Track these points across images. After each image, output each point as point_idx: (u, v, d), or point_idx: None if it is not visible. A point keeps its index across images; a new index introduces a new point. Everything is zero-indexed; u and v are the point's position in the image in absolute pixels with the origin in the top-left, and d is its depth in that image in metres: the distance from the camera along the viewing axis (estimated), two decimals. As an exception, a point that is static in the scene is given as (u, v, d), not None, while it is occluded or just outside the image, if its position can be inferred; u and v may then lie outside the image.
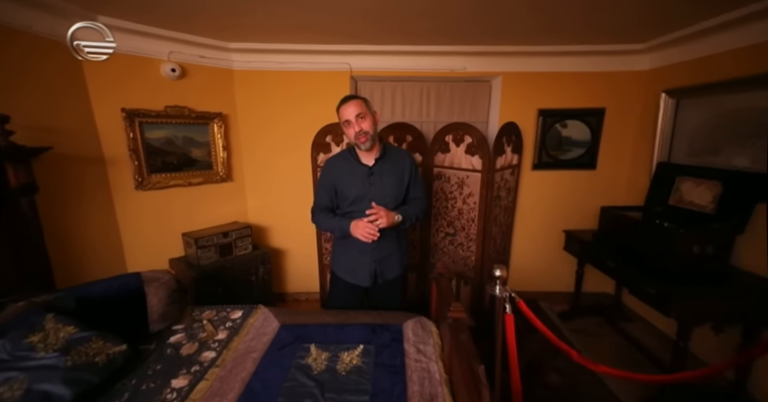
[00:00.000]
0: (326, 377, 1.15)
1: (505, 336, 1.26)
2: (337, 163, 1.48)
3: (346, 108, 1.37)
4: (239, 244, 2.19)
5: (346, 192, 1.43)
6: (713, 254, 1.60)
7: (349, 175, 1.44)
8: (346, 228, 1.36)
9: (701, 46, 1.90)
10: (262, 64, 2.36)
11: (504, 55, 2.36)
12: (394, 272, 1.52)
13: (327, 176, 1.48)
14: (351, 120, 1.36)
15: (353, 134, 1.37)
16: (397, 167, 1.47)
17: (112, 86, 1.85)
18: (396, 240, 1.50)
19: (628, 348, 2.12)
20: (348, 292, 1.55)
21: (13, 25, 1.44)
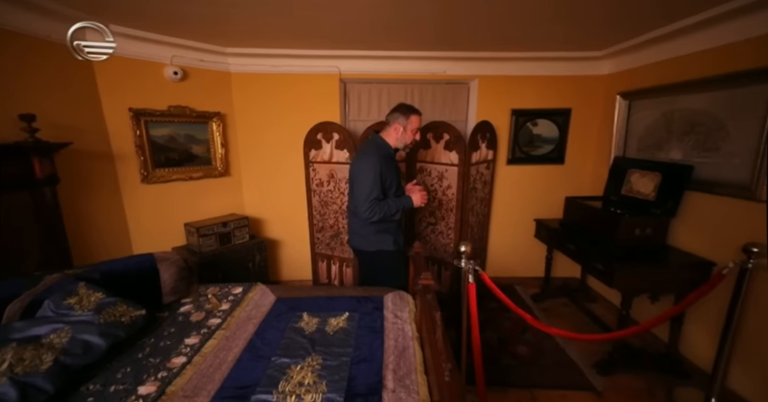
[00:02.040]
0: (317, 336, 1.36)
1: (470, 303, 1.48)
2: (387, 163, 1.68)
3: (421, 119, 1.77)
4: (237, 234, 2.38)
5: (390, 179, 1.68)
6: (652, 235, 1.86)
7: (394, 170, 1.73)
8: (409, 202, 1.71)
9: (649, 54, 2.16)
10: (256, 67, 2.55)
11: (480, 60, 2.59)
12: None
13: (379, 174, 1.62)
14: (419, 129, 1.75)
15: (412, 139, 1.74)
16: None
17: (120, 88, 2.03)
18: None
19: (590, 324, 2.36)
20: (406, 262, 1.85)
21: (36, 34, 1.62)
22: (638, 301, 1.86)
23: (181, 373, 1.11)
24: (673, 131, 1.99)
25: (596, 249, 1.92)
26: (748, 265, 1.39)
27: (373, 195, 1.59)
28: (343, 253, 2.60)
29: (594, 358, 1.94)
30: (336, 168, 2.48)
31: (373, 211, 1.59)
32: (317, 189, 2.57)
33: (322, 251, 2.68)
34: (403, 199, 1.71)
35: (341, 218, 2.55)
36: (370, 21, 1.85)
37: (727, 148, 1.66)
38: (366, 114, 2.80)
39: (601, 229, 2.00)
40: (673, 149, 1.98)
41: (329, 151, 2.48)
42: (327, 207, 2.57)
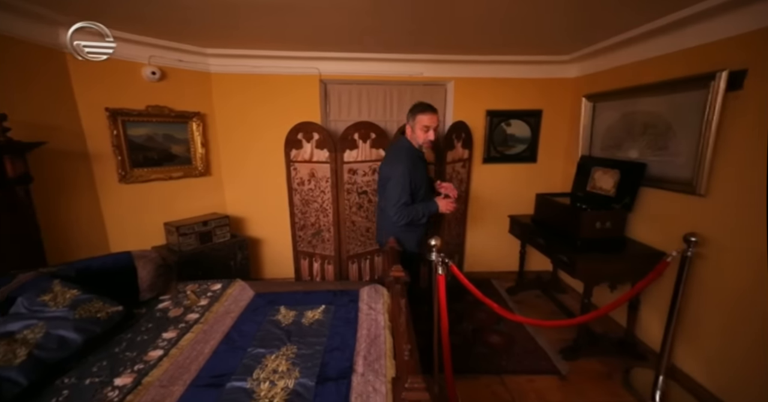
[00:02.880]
0: (293, 328, 1.41)
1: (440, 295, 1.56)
2: (414, 165, 1.72)
3: (433, 117, 1.68)
4: (218, 233, 2.40)
5: (418, 181, 1.73)
6: (611, 228, 2.00)
7: (419, 167, 1.76)
8: (435, 207, 1.74)
9: (610, 59, 2.30)
10: (237, 68, 2.58)
11: (456, 63, 2.70)
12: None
13: (409, 181, 1.68)
14: (431, 127, 1.68)
15: (425, 139, 1.70)
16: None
17: (96, 87, 2.02)
18: None
19: (559, 313, 2.50)
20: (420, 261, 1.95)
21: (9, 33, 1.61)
22: (599, 290, 1.99)
23: (158, 364, 1.15)
24: (630, 132, 2.13)
25: (562, 242, 2.05)
26: (688, 253, 1.53)
27: (402, 200, 1.67)
28: (325, 250, 2.66)
29: (561, 345, 2.07)
30: (316, 167, 2.54)
31: (401, 215, 1.69)
32: (298, 188, 2.61)
33: (304, 249, 2.73)
34: (430, 204, 1.76)
35: (322, 216, 2.60)
36: (348, 25, 1.92)
37: (674, 147, 1.81)
38: (346, 114, 2.86)
39: (566, 224, 2.13)
40: (631, 148, 2.12)
41: (309, 150, 2.53)
42: (308, 205, 2.62)
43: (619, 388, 1.77)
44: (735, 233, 1.52)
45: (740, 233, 1.50)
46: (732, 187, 1.54)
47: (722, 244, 1.57)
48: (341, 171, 2.50)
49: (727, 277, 1.56)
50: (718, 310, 1.60)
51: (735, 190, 1.53)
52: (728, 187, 1.56)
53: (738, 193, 1.51)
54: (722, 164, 1.58)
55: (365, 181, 2.61)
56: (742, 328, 1.50)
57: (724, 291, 1.57)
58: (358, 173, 2.57)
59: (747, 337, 1.48)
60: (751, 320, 1.47)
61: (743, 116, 1.49)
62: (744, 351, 1.50)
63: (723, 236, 1.57)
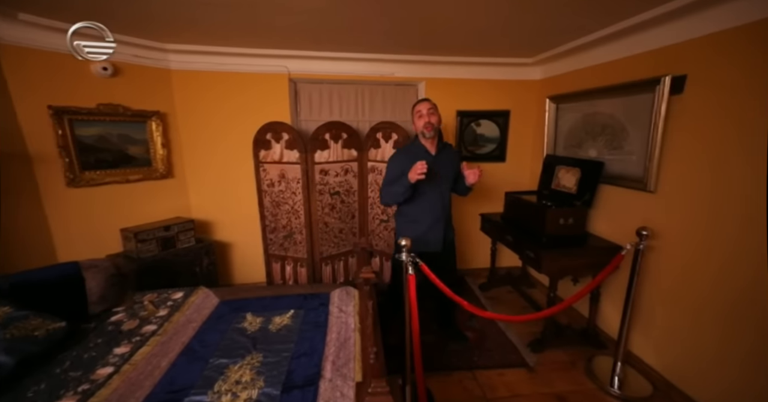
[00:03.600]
0: (259, 335, 1.37)
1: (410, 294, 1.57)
2: (407, 154, 1.81)
3: (422, 104, 1.80)
4: (182, 238, 2.28)
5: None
6: (574, 224, 2.09)
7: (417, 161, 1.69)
8: (406, 181, 1.68)
9: (570, 62, 2.41)
10: (200, 65, 2.46)
11: (427, 64, 2.72)
12: (451, 234, 1.99)
13: (397, 164, 1.78)
14: (423, 111, 1.76)
15: (422, 124, 1.76)
16: (451, 158, 1.91)
17: (36, 83, 1.85)
18: (449, 213, 1.96)
19: (528, 308, 2.59)
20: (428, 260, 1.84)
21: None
22: (564, 284, 2.09)
23: (107, 383, 1.07)
24: (590, 132, 2.24)
25: (529, 239, 2.12)
26: (640, 246, 1.63)
27: (385, 183, 1.84)
28: (297, 253, 2.60)
29: (530, 338, 2.14)
30: (287, 168, 2.47)
31: (382, 195, 1.86)
32: (268, 189, 2.54)
33: (276, 252, 2.65)
34: (403, 179, 1.72)
35: (293, 218, 2.54)
36: (316, 23, 1.87)
37: (628, 146, 1.92)
38: (317, 114, 2.81)
39: (533, 221, 2.20)
40: (591, 148, 2.23)
41: (279, 151, 2.46)
42: (279, 207, 2.55)
43: (582, 376, 1.85)
44: (680, 226, 1.64)
45: (684, 226, 1.62)
46: (676, 183, 1.66)
47: (670, 237, 1.69)
48: (312, 172, 2.45)
49: (672, 267, 1.68)
50: (664, 298, 1.72)
51: (679, 187, 1.64)
52: (673, 184, 1.67)
53: (681, 189, 1.63)
54: (668, 163, 1.69)
55: (337, 181, 2.57)
56: (682, 313, 1.62)
57: (669, 279, 1.69)
58: (330, 174, 2.53)
59: (687, 320, 1.60)
60: (689, 306, 1.59)
61: (684, 119, 1.60)
62: (685, 333, 1.62)
63: (670, 229, 1.68)
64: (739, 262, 1.40)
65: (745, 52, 1.36)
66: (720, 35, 1.44)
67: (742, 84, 1.37)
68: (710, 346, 1.52)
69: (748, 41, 1.35)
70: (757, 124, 1.33)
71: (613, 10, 1.67)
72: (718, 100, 1.46)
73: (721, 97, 1.45)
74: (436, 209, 1.85)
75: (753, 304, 1.36)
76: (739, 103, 1.39)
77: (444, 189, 1.87)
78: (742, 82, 1.38)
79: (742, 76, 1.37)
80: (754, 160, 1.34)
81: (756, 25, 1.32)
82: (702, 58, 1.51)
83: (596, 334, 2.10)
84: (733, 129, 1.41)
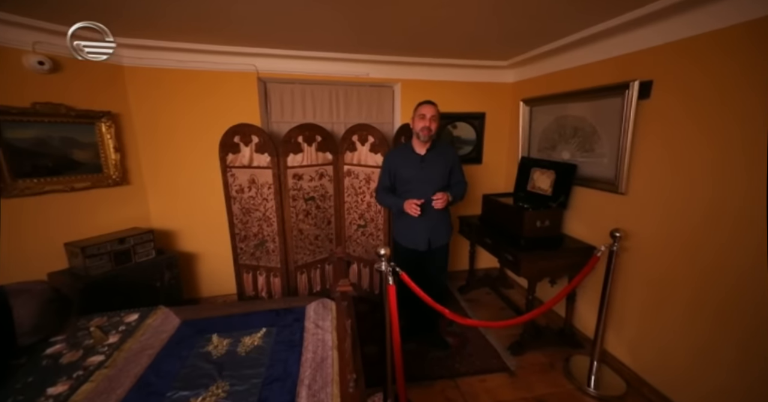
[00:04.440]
0: (225, 359, 1.24)
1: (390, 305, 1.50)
2: (397, 153, 1.96)
3: (427, 107, 1.83)
4: (139, 251, 2.08)
5: (404, 175, 1.89)
6: (550, 226, 2.12)
7: (406, 162, 1.89)
8: (400, 204, 1.82)
9: (542, 66, 2.45)
10: (158, 62, 2.26)
11: (402, 65, 2.67)
12: (442, 240, 1.96)
13: (389, 163, 1.95)
14: (427, 116, 1.80)
15: (420, 127, 1.81)
16: (442, 157, 1.92)
17: (-45, 79, 1.60)
18: (443, 216, 1.94)
19: (507, 309, 2.61)
20: (408, 256, 1.95)
21: None
22: (541, 285, 2.11)
23: (39, 432, 0.91)
24: (562, 134, 2.29)
25: (507, 241, 2.12)
26: (613, 247, 1.66)
27: (380, 181, 2.00)
28: (270, 262, 2.46)
29: (509, 340, 2.15)
30: (257, 173, 2.33)
31: (376, 193, 2.01)
32: (237, 196, 2.38)
33: (247, 262, 2.49)
34: (398, 200, 1.85)
35: (265, 226, 2.40)
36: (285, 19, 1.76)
37: (599, 149, 1.96)
38: (290, 115, 2.68)
39: (511, 223, 2.21)
40: (564, 150, 2.28)
41: (248, 155, 2.31)
42: (249, 214, 2.40)
43: (561, 377, 1.87)
44: (650, 228, 1.69)
45: (654, 228, 1.67)
46: (645, 186, 1.71)
47: (641, 238, 1.74)
48: (285, 176, 2.33)
49: (643, 267, 1.73)
50: (637, 297, 1.77)
51: (648, 190, 1.70)
52: (643, 186, 1.72)
53: (651, 192, 1.68)
54: (638, 166, 1.74)
55: (312, 186, 2.46)
56: (654, 312, 1.67)
57: (641, 279, 1.74)
58: (303, 178, 2.41)
59: (659, 319, 1.65)
60: (660, 305, 1.64)
61: (652, 123, 1.65)
62: (656, 332, 1.67)
63: (641, 230, 1.73)
64: (705, 263, 1.46)
65: (708, 59, 1.42)
66: (684, 42, 1.49)
67: (706, 90, 1.43)
68: (681, 344, 1.57)
69: (711, 48, 1.40)
70: (719, 129, 1.38)
71: (585, 16, 1.69)
72: (682, 105, 1.51)
73: (685, 103, 1.50)
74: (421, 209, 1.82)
75: (720, 302, 1.42)
76: (703, 108, 1.44)
77: (429, 188, 1.85)
78: (705, 88, 1.43)
79: (706, 82, 1.43)
80: (716, 165, 1.40)
81: (718, 33, 1.37)
82: (667, 64, 1.56)
83: (573, 333, 2.14)
84: (696, 134, 1.47)
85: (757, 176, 1.26)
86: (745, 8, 1.27)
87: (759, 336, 1.27)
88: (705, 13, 1.39)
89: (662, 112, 1.60)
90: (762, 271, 1.24)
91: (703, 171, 1.44)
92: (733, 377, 1.36)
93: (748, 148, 1.29)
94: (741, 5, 1.28)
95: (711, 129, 1.41)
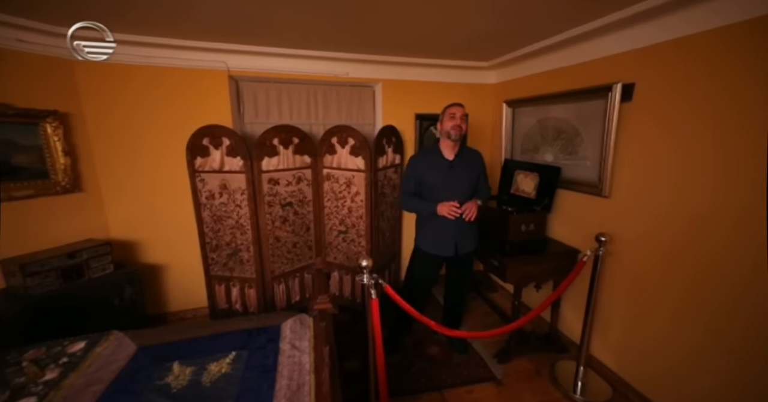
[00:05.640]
0: (187, 392, 1.10)
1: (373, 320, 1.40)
2: (423, 158, 1.87)
3: (457, 108, 1.78)
4: (94, 265, 1.87)
5: (430, 180, 1.79)
6: (535, 230, 2.09)
7: (433, 166, 1.80)
8: (433, 208, 1.70)
9: (524, 68, 2.43)
10: (116, 57, 2.01)
11: (383, 64, 2.57)
12: (469, 247, 1.88)
13: (414, 167, 1.85)
14: (457, 115, 1.75)
15: (452, 125, 1.74)
16: (470, 163, 1.86)
17: None
18: (472, 222, 1.82)
19: (492, 314, 2.57)
20: (430, 263, 1.92)
21: None
22: (527, 289, 2.07)
23: None
24: (545, 136, 2.27)
25: (492, 246, 2.07)
26: (599, 252, 1.64)
27: (403, 186, 1.88)
28: (244, 272, 2.30)
29: (495, 347, 2.10)
30: (229, 178, 2.16)
31: (401, 200, 1.88)
32: (207, 202, 2.20)
33: (219, 273, 2.32)
34: (430, 203, 1.74)
35: (239, 234, 2.24)
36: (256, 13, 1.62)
37: (582, 152, 1.95)
38: (265, 116, 2.52)
39: (495, 227, 2.17)
40: (547, 152, 2.26)
41: (219, 158, 2.14)
42: (221, 222, 2.23)
43: (547, 384, 1.84)
44: (633, 232, 1.68)
45: (637, 232, 1.66)
46: (629, 189, 1.70)
47: (625, 242, 1.73)
48: (259, 181, 2.18)
49: (628, 271, 1.72)
50: (622, 301, 1.76)
51: (631, 192, 1.69)
52: (626, 189, 1.71)
53: (634, 194, 1.67)
54: (621, 169, 1.73)
55: (289, 191, 2.32)
56: (640, 316, 1.67)
57: (627, 284, 1.73)
58: (280, 183, 2.27)
59: (645, 323, 1.65)
60: (645, 309, 1.63)
61: (634, 126, 1.64)
62: (642, 336, 1.66)
63: (625, 234, 1.72)
64: (688, 266, 1.45)
65: (686, 63, 1.41)
66: (664, 45, 1.48)
67: (686, 93, 1.42)
68: (667, 348, 1.56)
69: (687, 52, 1.40)
70: (700, 131, 1.38)
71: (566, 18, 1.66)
72: (664, 108, 1.51)
73: (667, 105, 1.50)
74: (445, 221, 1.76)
75: (708, 307, 1.41)
76: (684, 111, 1.43)
77: (457, 196, 1.76)
78: (685, 91, 1.42)
79: (686, 86, 1.42)
80: (699, 168, 1.39)
81: (695, 37, 1.37)
82: (649, 67, 1.55)
83: (558, 337, 2.12)
84: (679, 136, 1.46)
85: (741, 179, 1.26)
86: (724, 13, 1.27)
87: (749, 341, 1.27)
88: (682, 17, 1.39)
89: (645, 114, 1.59)
90: (753, 275, 1.24)
91: (686, 174, 1.44)
92: (721, 383, 1.35)
93: (731, 150, 1.28)
94: (718, 10, 1.28)
95: (692, 132, 1.40)
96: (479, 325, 2.45)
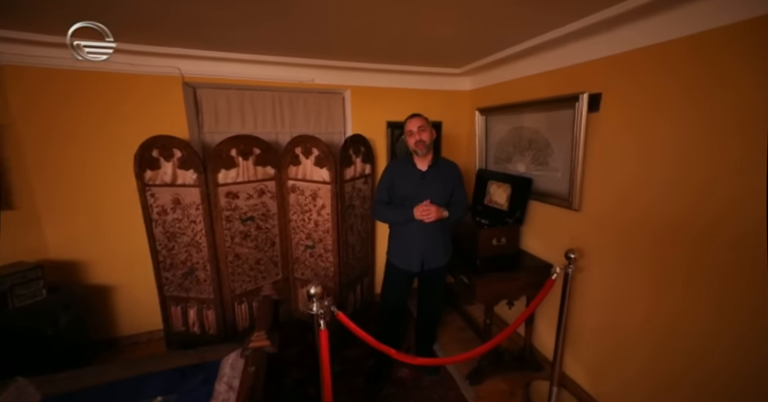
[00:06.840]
0: (93, 453, 0.94)
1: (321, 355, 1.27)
2: (397, 166, 1.81)
3: (411, 121, 1.72)
4: (21, 292, 1.68)
5: (402, 190, 1.74)
6: (507, 244, 2.00)
7: (406, 177, 1.75)
8: (409, 214, 1.65)
9: (495, 75, 2.37)
10: (53, 61, 1.87)
11: (351, 70, 2.46)
12: (438, 262, 1.80)
13: (387, 177, 1.80)
14: (414, 130, 1.68)
15: (413, 142, 1.69)
16: (444, 175, 1.78)
17: None
18: (441, 236, 1.77)
19: (466, 329, 2.47)
20: (401, 277, 1.84)
21: None
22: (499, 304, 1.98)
23: None
24: (518, 146, 2.19)
25: (463, 262, 1.97)
26: (568, 270, 1.55)
27: (377, 195, 1.82)
28: (201, 293, 2.13)
29: (468, 367, 1.99)
30: (182, 192, 2.01)
31: (374, 210, 1.81)
32: (159, 218, 2.04)
33: (174, 293, 2.15)
34: (405, 210, 1.69)
35: (194, 252, 2.08)
36: (204, 14, 1.49)
37: (553, 163, 1.88)
38: (226, 125, 2.37)
39: (465, 241, 2.07)
40: (519, 162, 2.18)
41: (171, 171, 1.98)
42: (175, 239, 2.06)
43: (521, 407, 1.74)
44: (602, 246, 1.61)
45: (609, 245, 1.58)
46: (598, 202, 1.63)
47: (595, 256, 1.65)
48: (215, 195, 2.03)
49: (599, 288, 1.64)
50: (593, 318, 1.68)
51: (601, 206, 1.61)
52: (596, 202, 1.64)
53: (604, 208, 1.60)
54: (590, 181, 1.66)
55: (250, 205, 2.18)
56: (612, 333, 1.59)
57: (598, 300, 1.65)
58: (240, 197, 2.12)
59: (616, 340, 1.57)
60: (618, 326, 1.55)
61: (601, 137, 1.58)
62: (614, 353, 1.58)
63: (595, 249, 1.65)
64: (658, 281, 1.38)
65: (650, 72, 1.35)
66: (630, 54, 1.42)
67: (651, 103, 1.36)
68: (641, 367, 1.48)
69: (653, 61, 1.34)
70: (669, 143, 1.31)
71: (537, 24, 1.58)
72: (629, 118, 1.44)
73: (632, 116, 1.43)
74: (417, 228, 1.70)
75: (677, 323, 1.34)
76: (650, 122, 1.37)
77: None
78: (649, 102, 1.36)
79: (650, 96, 1.36)
80: (669, 181, 1.32)
81: (660, 46, 1.30)
82: (615, 76, 1.49)
83: (533, 354, 2.03)
84: (646, 149, 1.39)
85: (710, 193, 1.19)
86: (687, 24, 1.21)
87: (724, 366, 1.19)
88: (649, 26, 1.33)
89: (610, 125, 1.52)
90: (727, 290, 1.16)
91: (656, 187, 1.37)
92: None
93: (702, 162, 1.21)
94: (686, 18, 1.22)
95: (659, 142, 1.34)
96: (454, 340, 2.34)
